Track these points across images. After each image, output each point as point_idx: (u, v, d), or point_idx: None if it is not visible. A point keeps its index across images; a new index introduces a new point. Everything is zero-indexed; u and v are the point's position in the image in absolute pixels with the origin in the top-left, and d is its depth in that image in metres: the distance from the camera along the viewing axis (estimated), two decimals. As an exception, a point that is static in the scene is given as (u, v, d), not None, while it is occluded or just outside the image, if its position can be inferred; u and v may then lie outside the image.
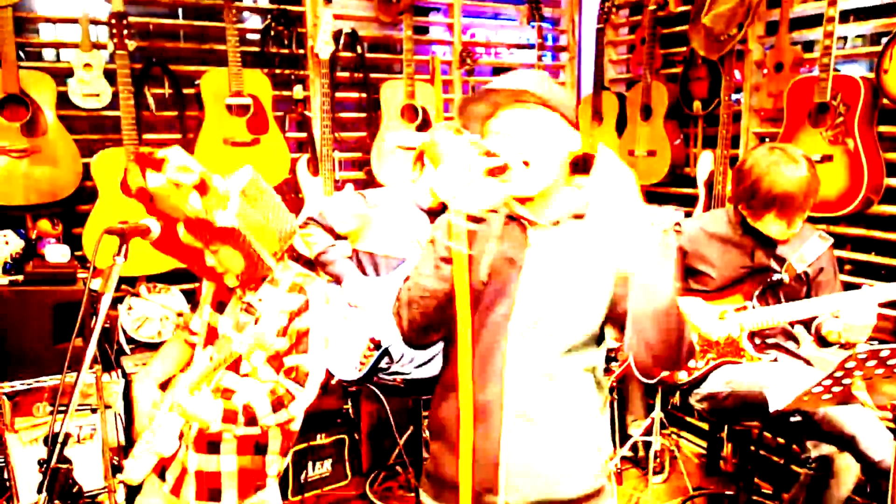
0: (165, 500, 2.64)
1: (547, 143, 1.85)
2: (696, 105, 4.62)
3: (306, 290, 2.62)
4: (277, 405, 2.51)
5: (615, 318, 1.92)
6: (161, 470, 2.64)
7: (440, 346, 2.08)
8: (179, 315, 4.09)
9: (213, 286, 2.76)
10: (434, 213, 3.40)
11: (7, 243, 3.82)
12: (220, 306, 2.72)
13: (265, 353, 2.56)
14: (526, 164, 1.81)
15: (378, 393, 3.85)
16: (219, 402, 2.47)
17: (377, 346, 3.33)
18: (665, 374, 3.26)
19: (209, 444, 2.57)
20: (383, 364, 3.35)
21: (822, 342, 3.07)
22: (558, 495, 1.89)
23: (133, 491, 2.82)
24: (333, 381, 3.59)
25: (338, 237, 3.52)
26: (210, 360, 2.59)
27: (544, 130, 1.84)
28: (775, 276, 3.10)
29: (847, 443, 2.81)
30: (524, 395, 1.88)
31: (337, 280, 3.46)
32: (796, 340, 3.29)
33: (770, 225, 3.04)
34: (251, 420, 2.47)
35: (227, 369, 2.56)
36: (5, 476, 3.38)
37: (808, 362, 3.20)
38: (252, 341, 2.44)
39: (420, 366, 3.40)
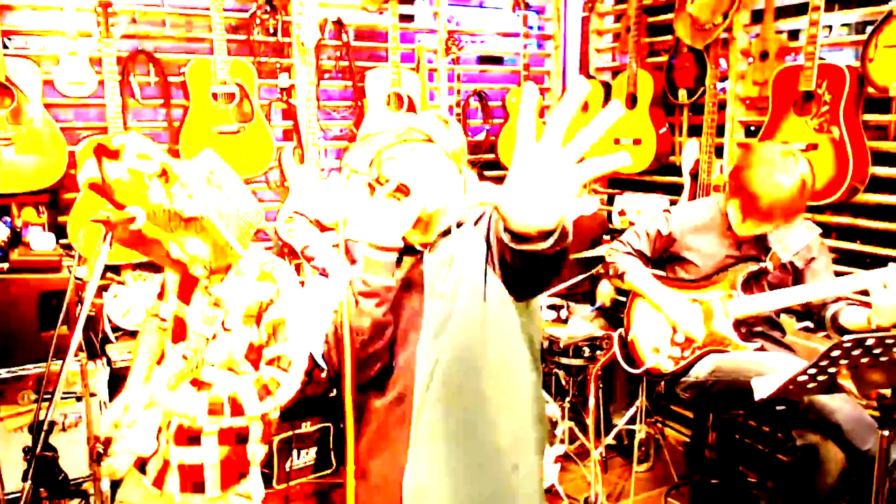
0: (146, 493, 2.62)
1: (436, 164, 1.85)
2: (682, 94, 4.62)
3: (275, 277, 2.58)
4: (264, 394, 2.49)
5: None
6: (141, 463, 2.63)
7: None
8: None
9: (178, 276, 2.70)
10: None
11: (-9, 232, 3.80)
12: (186, 296, 2.68)
13: (241, 349, 2.55)
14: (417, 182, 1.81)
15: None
16: (203, 395, 2.46)
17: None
18: (651, 364, 3.28)
19: (189, 437, 2.55)
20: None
21: (841, 332, 3.06)
22: None
23: (117, 481, 2.80)
24: (323, 375, 3.59)
25: (326, 229, 3.51)
26: (184, 360, 2.57)
27: (432, 156, 1.85)
28: (759, 265, 3.12)
29: (832, 431, 2.82)
30: (435, 437, 1.85)
31: (323, 272, 3.45)
32: (781, 329, 3.30)
33: (738, 224, 3.09)
34: (238, 411, 2.46)
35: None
36: (-10, 465, 3.37)
37: (793, 351, 3.22)
38: (225, 357, 2.44)
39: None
